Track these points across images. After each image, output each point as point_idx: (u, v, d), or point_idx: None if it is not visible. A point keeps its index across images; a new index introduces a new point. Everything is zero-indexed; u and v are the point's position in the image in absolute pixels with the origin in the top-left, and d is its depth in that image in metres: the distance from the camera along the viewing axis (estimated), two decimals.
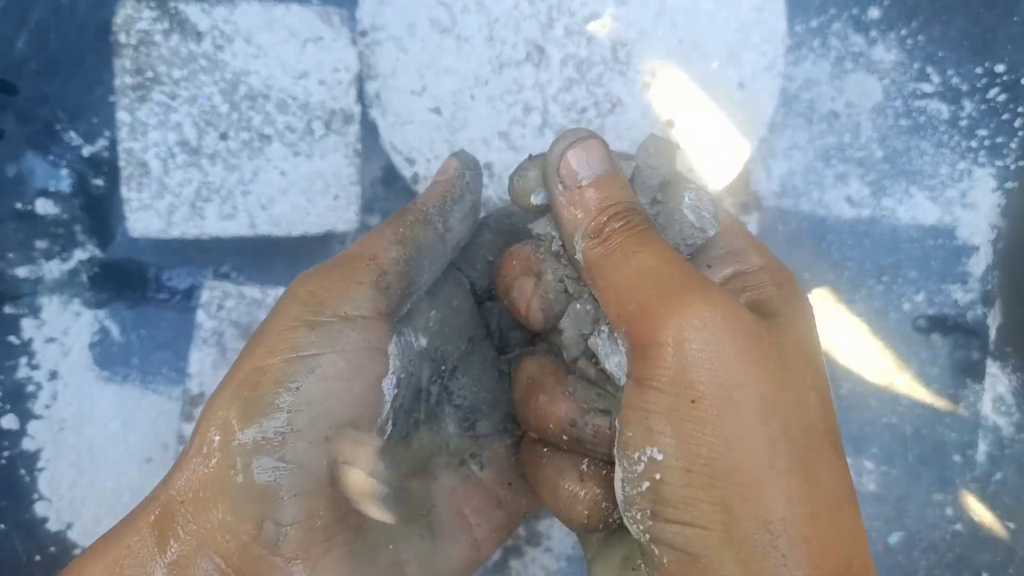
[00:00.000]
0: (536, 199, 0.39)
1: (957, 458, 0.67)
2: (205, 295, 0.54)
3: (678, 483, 0.31)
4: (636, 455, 0.32)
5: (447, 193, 0.42)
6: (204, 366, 0.54)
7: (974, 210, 0.67)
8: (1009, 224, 0.67)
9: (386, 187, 0.63)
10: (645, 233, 0.36)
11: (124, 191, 0.52)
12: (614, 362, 0.35)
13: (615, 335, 0.35)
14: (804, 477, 0.31)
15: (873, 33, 0.66)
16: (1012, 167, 0.67)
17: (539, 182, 0.39)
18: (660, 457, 0.31)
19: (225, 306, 0.54)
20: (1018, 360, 0.68)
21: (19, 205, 0.59)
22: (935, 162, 0.67)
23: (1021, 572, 0.67)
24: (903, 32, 0.66)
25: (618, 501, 0.34)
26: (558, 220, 0.38)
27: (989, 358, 0.68)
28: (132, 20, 0.51)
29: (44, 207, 0.59)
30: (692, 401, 0.31)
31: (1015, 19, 0.66)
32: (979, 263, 0.68)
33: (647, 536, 0.32)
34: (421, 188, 0.59)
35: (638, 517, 0.33)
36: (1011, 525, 0.67)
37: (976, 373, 0.68)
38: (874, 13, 0.66)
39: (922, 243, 0.67)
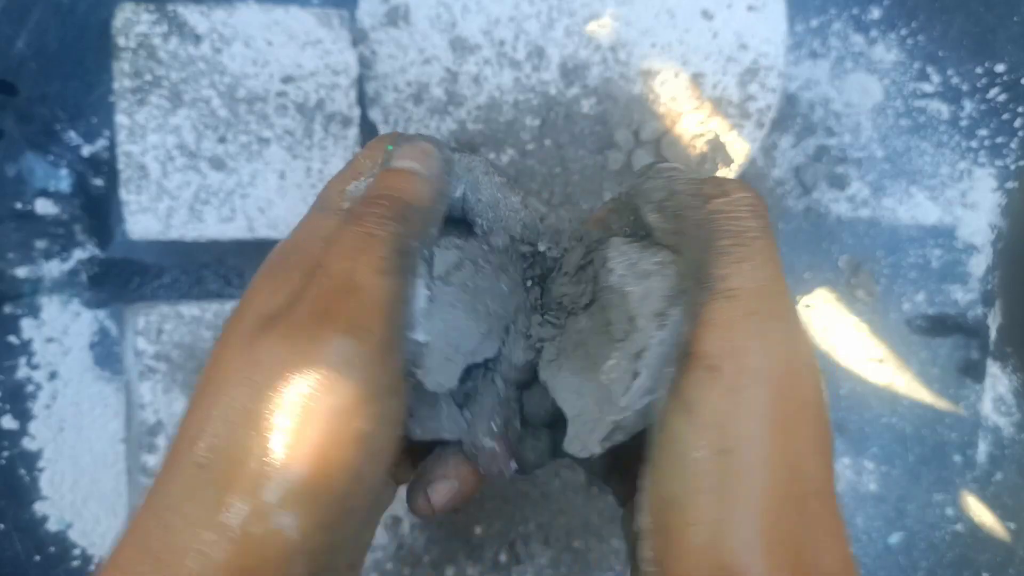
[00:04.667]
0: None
1: (957, 458, 0.67)
2: (141, 322, 0.53)
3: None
4: (659, 485, 0.32)
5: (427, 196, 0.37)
6: (156, 393, 0.53)
7: (974, 210, 0.67)
8: (1009, 224, 0.67)
9: None
10: (766, 234, 0.34)
11: (123, 194, 0.52)
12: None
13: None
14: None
15: (873, 33, 0.66)
16: (1012, 167, 0.67)
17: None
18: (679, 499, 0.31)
19: (164, 329, 0.53)
20: (1018, 360, 0.68)
21: (19, 205, 0.59)
22: (935, 162, 0.67)
23: (1021, 572, 0.67)
24: (903, 32, 0.66)
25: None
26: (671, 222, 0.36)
27: (989, 358, 0.68)
28: (131, 23, 0.51)
29: (44, 207, 0.59)
30: (726, 450, 0.31)
31: (1015, 19, 0.65)
32: (979, 263, 0.68)
33: None
34: None
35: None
36: (1011, 525, 0.67)
37: (976, 373, 0.68)
38: (874, 13, 0.66)
39: (922, 243, 0.67)
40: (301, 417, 0.31)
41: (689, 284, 0.33)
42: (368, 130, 0.59)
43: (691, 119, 0.60)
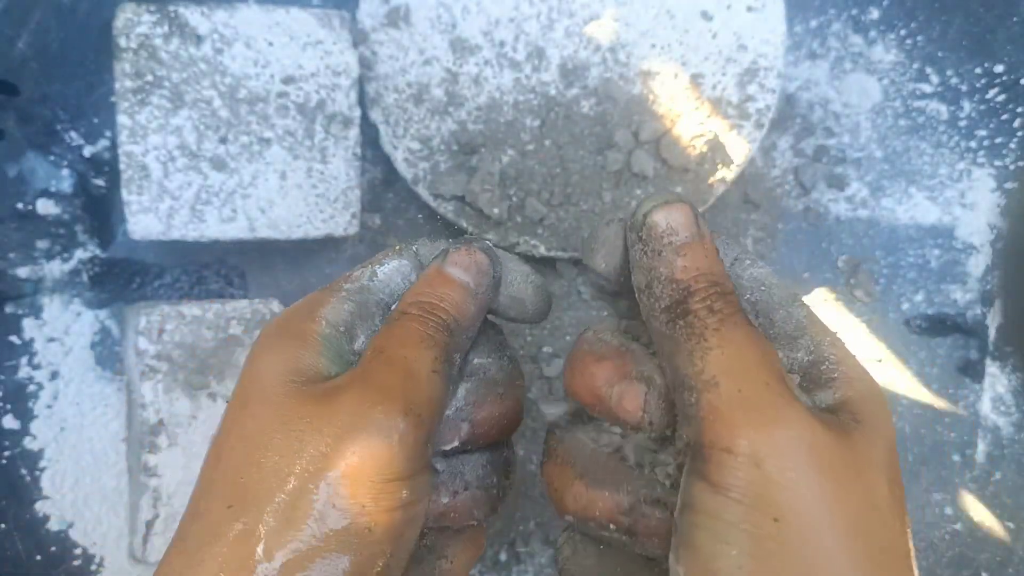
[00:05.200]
0: (605, 263, 0.37)
1: (956, 458, 0.68)
2: (142, 321, 0.53)
3: None
4: (704, 563, 0.31)
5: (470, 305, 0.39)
6: (157, 393, 0.53)
7: (973, 210, 0.67)
8: (1008, 224, 0.67)
9: (386, 189, 0.63)
10: (728, 320, 0.33)
11: (124, 194, 0.52)
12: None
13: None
14: None
15: (872, 33, 0.66)
16: (1011, 167, 0.67)
17: (614, 245, 0.37)
18: (734, 572, 0.30)
19: (166, 329, 0.53)
20: (1017, 360, 0.68)
21: (20, 205, 0.59)
22: (934, 162, 0.67)
23: (1020, 571, 0.67)
24: (902, 32, 0.66)
25: None
26: (636, 284, 0.36)
27: (988, 358, 0.68)
28: (132, 24, 0.51)
29: (45, 207, 0.59)
30: (775, 520, 0.30)
31: (1014, 19, 0.66)
32: (978, 263, 0.68)
33: None
34: (421, 190, 0.60)
35: None
36: (1010, 524, 0.67)
37: (975, 373, 0.68)
38: (873, 14, 0.66)
39: (921, 243, 0.67)
40: (359, 477, 0.33)
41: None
42: (369, 130, 0.59)
43: (690, 119, 0.60)
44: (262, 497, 0.32)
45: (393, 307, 0.39)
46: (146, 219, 0.53)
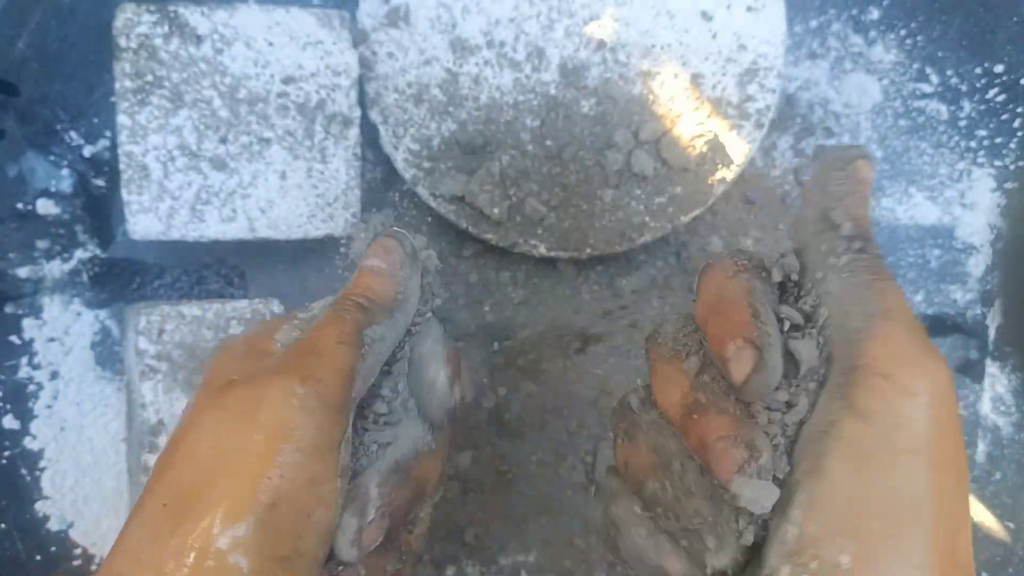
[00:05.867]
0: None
1: None
2: (142, 321, 0.53)
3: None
4: (832, 489, 0.32)
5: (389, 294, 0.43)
6: (157, 393, 0.53)
7: (973, 210, 0.67)
8: (1008, 224, 0.67)
9: (387, 189, 0.63)
10: (886, 268, 0.36)
11: (124, 194, 0.52)
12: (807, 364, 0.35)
13: (821, 339, 0.35)
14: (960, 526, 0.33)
15: (872, 34, 0.66)
16: (1011, 167, 0.67)
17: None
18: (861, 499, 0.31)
19: (166, 329, 0.53)
20: (1017, 360, 0.68)
21: (20, 205, 0.59)
22: (934, 162, 0.67)
23: (1020, 572, 0.67)
24: (902, 32, 0.66)
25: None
26: (823, 207, 0.38)
27: (988, 358, 0.68)
28: (132, 24, 0.51)
29: (45, 207, 0.59)
30: (913, 452, 0.31)
31: (1014, 19, 0.66)
32: (978, 263, 0.68)
33: None
34: (421, 190, 0.60)
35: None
36: (1010, 525, 0.67)
37: (975, 373, 0.68)
38: (873, 14, 0.66)
39: (921, 243, 0.67)
40: (260, 459, 0.35)
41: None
42: (369, 130, 0.59)
43: (690, 119, 0.60)
44: (180, 492, 0.35)
45: None
46: (146, 219, 0.53)
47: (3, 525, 0.59)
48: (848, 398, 0.32)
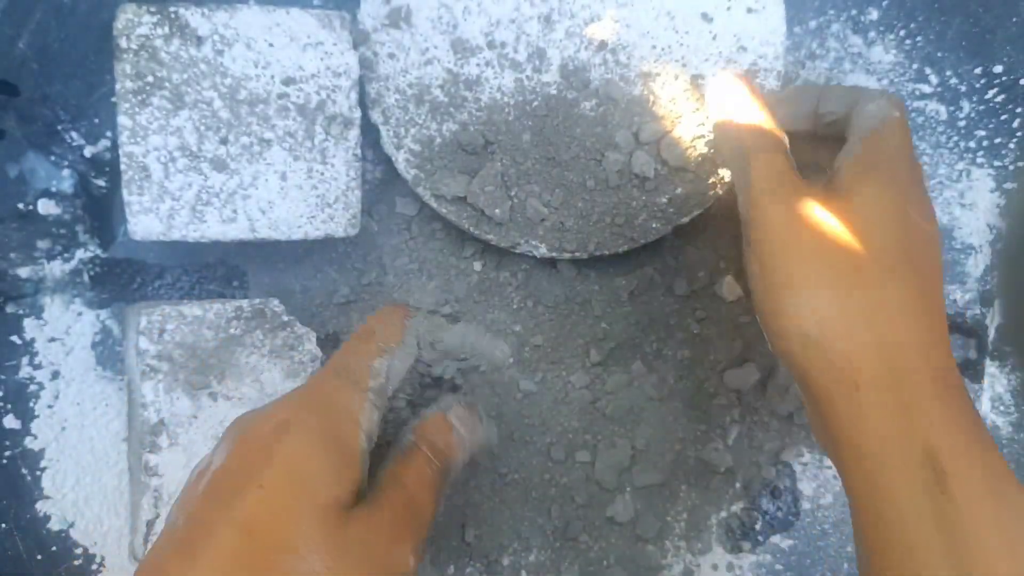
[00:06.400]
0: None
1: None
2: (143, 321, 0.53)
3: None
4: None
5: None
6: (158, 393, 0.53)
7: (972, 211, 0.68)
8: (1008, 225, 0.67)
9: (387, 190, 0.63)
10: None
11: (125, 194, 0.52)
12: None
13: None
14: None
15: (872, 34, 0.66)
16: (1010, 168, 0.67)
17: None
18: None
19: (166, 329, 0.53)
20: (1017, 360, 0.68)
21: (21, 205, 0.59)
22: (933, 163, 0.67)
23: None
24: (902, 33, 0.66)
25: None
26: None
27: (988, 358, 0.69)
28: (132, 25, 0.51)
29: (46, 207, 0.59)
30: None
31: (1013, 20, 0.66)
32: (978, 263, 0.68)
33: None
34: (422, 191, 0.60)
35: None
36: None
37: (975, 373, 0.68)
38: (872, 14, 0.66)
39: None
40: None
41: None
42: (370, 131, 0.59)
43: (691, 121, 0.60)
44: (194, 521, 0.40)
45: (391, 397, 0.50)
46: (147, 219, 0.53)
47: (4, 525, 0.59)
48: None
